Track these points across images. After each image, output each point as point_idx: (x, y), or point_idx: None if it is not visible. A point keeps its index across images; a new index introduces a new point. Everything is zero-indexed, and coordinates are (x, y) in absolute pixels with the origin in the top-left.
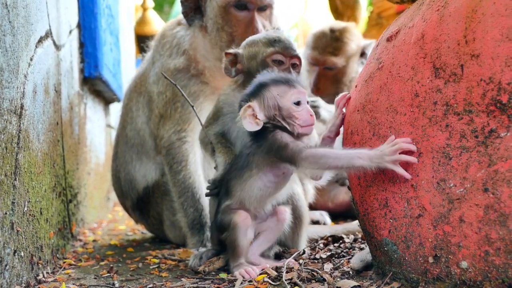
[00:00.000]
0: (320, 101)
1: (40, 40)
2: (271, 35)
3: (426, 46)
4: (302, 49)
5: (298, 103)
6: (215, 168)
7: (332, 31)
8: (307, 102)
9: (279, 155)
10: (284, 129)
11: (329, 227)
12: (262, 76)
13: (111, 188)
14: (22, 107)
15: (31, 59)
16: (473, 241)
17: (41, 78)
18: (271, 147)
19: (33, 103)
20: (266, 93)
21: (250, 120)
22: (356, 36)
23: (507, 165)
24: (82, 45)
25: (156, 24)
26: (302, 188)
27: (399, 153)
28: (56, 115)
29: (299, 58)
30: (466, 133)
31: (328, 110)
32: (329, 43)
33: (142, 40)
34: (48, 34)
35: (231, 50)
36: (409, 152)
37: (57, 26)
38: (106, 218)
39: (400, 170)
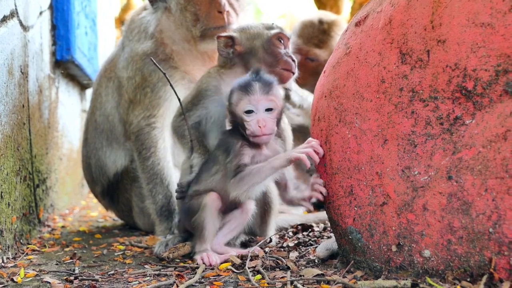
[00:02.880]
0: (293, 85)
1: (4, 19)
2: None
3: (393, 31)
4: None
5: (249, 112)
6: (190, 160)
7: (320, 22)
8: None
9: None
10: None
11: (300, 216)
12: (240, 79)
13: None
14: None
15: None
16: (436, 229)
17: (4, 58)
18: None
19: None
20: (231, 98)
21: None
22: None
23: (471, 153)
24: (54, 27)
25: None
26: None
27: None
28: (22, 97)
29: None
30: (432, 120)
31: (299, 95)
32: (316, 34)
33: None
34: (14, 13)
35: (224, 34)
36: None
37: (25, 6)
38: (79, 204)
39: (303, 156)
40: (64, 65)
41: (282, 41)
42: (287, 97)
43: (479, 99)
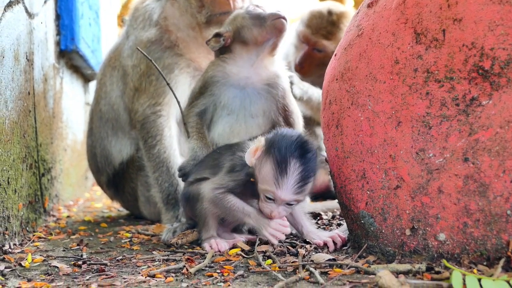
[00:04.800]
0: (295, 78)
1: (10, 4)
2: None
3: (408, 11)
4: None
5: (269, 199)
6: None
7: (330, 13)
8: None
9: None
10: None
11: (308, 205)
12: (295, 146)
13: None
14: None
15: None
16: (452, 212)
17: (10, 43)
18: (229, 167)
19: (0, 68)
20: (268, 162)
21: (251, 156)
22: None
23: (488, 134)
24: (58, 17)
25: None
26: None
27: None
28: (28, 84)
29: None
30: (447, 101)
31: (300, 87)
32: (324, 25)
33: None
34: None
35: (209, 38)
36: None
37: None
38: (83, 196)
39: (270, 237)
40: (69, 55)
41: (258, 6)
42: None
43: (496, 79)
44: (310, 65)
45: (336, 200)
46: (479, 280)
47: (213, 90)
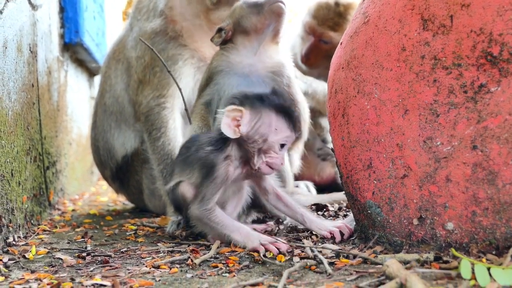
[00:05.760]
0: (297, 72)
1: None
2: None
3: None
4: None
5: (282, 146)
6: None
7: (336, 4)
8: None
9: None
10: (246, 156)
11: (314, 197)
12: (271, 94)
13: None
14: None
15: (0, 12)
16: (460, 201)
17: (13, 34)
18: (202, 168)
19: (3, 58)
20: (265, 116)
21: (231, 124)
22: None
23: (497, 121)
24: (62, 9)
25: None
26: (287, 157)
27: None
28: (31, 76)
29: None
30: (455, 88)
31: (303, 81)
32: (331, 17)
33: None
34: None
35: (220, 26)
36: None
37: None
38: (88, 190)
39: (261, 248)
40: (73, 48)
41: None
42: None
43: (505, 65)
44: (317, 57)
45: (343, 192)
46: (488, 269)
47: (217, 80)
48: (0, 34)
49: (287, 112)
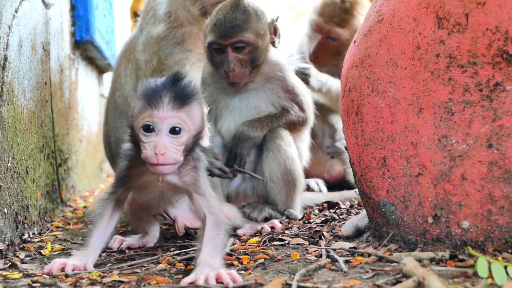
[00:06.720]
0: (312, 70)
1: None
2: (218, 16)
3: None
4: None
5: (147, 129)
6: None
7: (342, 1)
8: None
9: None
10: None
11: (325, 194)
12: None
13: (105, 159)
14: (6, 58)
15: (16, 11)
16: (476, 199)
17: (28, 33)
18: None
19: (19, 57)
20: (133, 107)
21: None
22: (367, 10)
23: None
24: (73, 7)
25: None
26: (296, 151)
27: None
28: (45, 74)
29: (242, 41)
30: (470, 87)
31: (318, 79)
32: (337, 13)
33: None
34: None
35: None
36: None
37: None
38: (98, 187)
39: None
40: (84, 46)
41: (218, 50)
42: (306, 82)
43: None
44: (325, 54)
45: (354, 190)
46: (505, 267)
47: (211, 91)
48: (15, 33)
49: (150, 91)
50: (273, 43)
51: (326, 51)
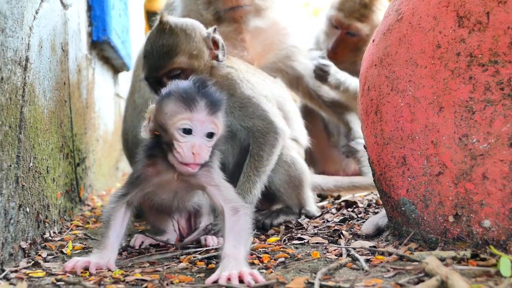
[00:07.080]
0: (332, 68)
1: None
2: (146, 47)
3: None
4: (312, 35)
5: (186, 132)
6: None
7: None
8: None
9: None
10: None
11: (335, 180)
12: (180, 82)
13: (120, 158)
14: (27, 59)
15: (36, 12)
16: (497, 198)
17: (47, 33)
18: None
19: (39, 57)
20: (162, 104)
21: (146, 124)
22: (385, 6)
23: None
24: (90, 8)
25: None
26: (295, 147)
27: None
28: (64, 74)
29: (174, 68)
30: (491, 86)
31: (337, 77)
32: (357, 8)
33: (151, 16)
34: None
35: None
36: None
37: None
38: (114, 186)
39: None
40: (100, 46)
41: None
42: (324, 79)
43: None
44: (344, 51)
45: (361, 176)
46: None
47: None
48: (36, 33)
49: (186, 94)
50: (216, 58)
51: (345, 47)
